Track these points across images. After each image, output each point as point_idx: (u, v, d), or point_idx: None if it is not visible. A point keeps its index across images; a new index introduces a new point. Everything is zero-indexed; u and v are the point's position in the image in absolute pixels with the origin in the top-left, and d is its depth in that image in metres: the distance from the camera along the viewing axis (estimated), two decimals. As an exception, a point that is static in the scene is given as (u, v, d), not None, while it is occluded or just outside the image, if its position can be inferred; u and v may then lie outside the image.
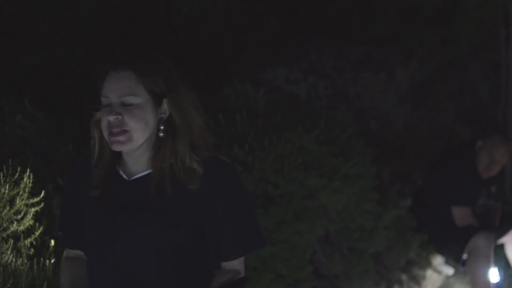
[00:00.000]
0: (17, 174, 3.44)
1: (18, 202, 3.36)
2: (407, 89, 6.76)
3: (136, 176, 2.52)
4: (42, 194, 3.41)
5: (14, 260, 3.23)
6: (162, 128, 2.48)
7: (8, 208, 3.33)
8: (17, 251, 3.33)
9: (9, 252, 3.24)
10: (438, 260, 5.71)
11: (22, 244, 3.37)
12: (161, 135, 2.48)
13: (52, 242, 3.43)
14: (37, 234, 3.40)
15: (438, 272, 5.71)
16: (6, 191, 3.34)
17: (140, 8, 5.55)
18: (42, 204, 3.42)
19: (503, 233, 5.53)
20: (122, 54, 2.51)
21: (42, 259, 3.31)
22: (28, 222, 3.37)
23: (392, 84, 6.66)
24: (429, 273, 5.68)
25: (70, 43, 5.19)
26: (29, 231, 3.41)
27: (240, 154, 4.54)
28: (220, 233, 2.51)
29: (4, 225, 3.32)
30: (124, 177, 2.53)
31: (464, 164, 5.56)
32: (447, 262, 5.73)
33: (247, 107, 4.91)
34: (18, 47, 5.13)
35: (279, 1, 6.52)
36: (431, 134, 6.80)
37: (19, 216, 3.36)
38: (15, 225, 3.33)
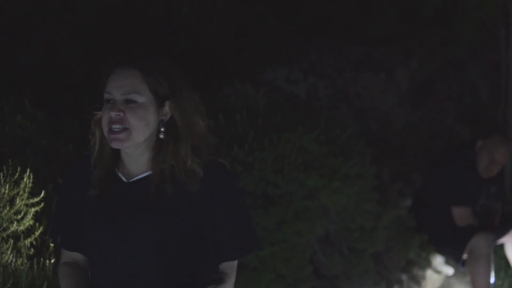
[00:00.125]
0: (17, 174, 3.44)
1: (18, 202, 3.36)
2: (407, 89, 6.76)
3: (136, 178, 2.52)
4: (42, 194, 3.41)
5: (14, 260, 3.23)
6: (162, 130, 2.48)
7: (8, 208, 3.33)
8: (17, 251, 3.33)
9: (9, 252, 3.24)
10: (438, 260, 5.71)
11: (22, 244, 3.36)
12: (161, 137, 2.49)
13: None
14: (37, 234, 3.40)
15: (438, 272, 5.71)
16: (6, 191, 3.34)
17: (140, 8, 5.55)
18: (42, 204, 3.42)
19: (503, 233, 5.53)
20: (128, 53, 2.51)
21: (42, 259, 3.31)
22: (28, 222, 3.37)
23: (392, 84, 6.66)
24: (429, 273, 5.68)
25: (70, 43, 5.19)
26: (29, 231, 3.41)
27: (240, 154, 4.54)
28: (219, 234, 2.51)
29: (4, 225, 3.32)
30: (123, 179, 2.53)
31: (464, 164, 5.56)
32: (447, 262, 5.73)
33: (247, 107, 4.90)
34: (18, 47, 5.13)
35: (279, 1, 6.52)
36: (431, 134, 6.80)
37: (19, 216, 3.36)
38: (15, 225, 3.33)
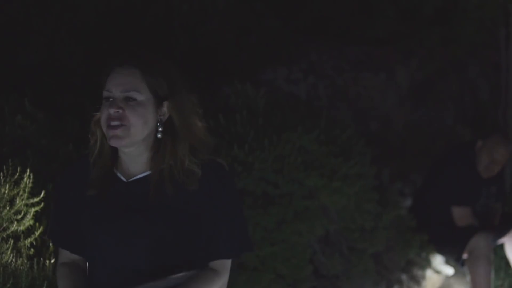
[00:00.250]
0: (17, 174, 3.44)
1: (18, 202, 3.36)
2: (407, 89, 6.76)
3: (135, 178, 2.53)
4: (42, 194, 3.41)
5: (14, 260, 3.23)
6: (160, 129, 2.50)
7: (8, 208, 3.33)
8: (17, 251, 3.32)
9: (9, 252, 3.24)
10: (438, 260, 5.71)
11: (22, 244, 3.36)
12: (159, 136, 2.50)
13: (52, 242, 3.43)
14: (37, 234, 3.40)
15: (438, 272, 5.71)
16: (6, 191, 3.34)
17: (140, 8, 5.55)
18: (42, 204, 3.41)
19: (503, 233, 5.53)
20: (129, 53, 2.53)
21: (42, 259, 3.31)
22: (28, 222, 3.37)
23: (392, 84, 6.66)
24: (429, 273, 5.68)
25: (70, 43, 5.19)
26: (29, 231, 3.41)
27: (240, 154, 4.54)
28: (214, 232, 2.52)
29: (4, 225, 3.32)
30: (122, 179, 2.54)
31: (464, 164, 5.56)
32: (447, 262, 5.73)
33: (247, 107, 4.90)
34: (18, 47, 5.13)
35: (279, 1, 6.52)
36: (431, 134, 6.80)
37: (19, 216, 3.36)
38: (15, 225, 3.33)
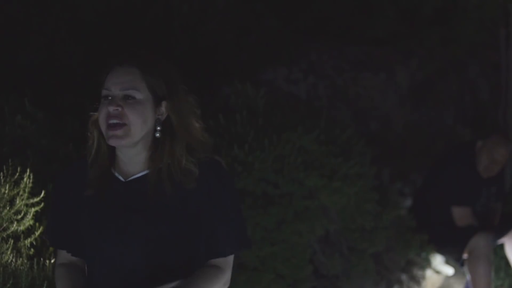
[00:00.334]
0: (17, 174, 3.44)
1: (18, 202, 3.36)
2: (407, 89, 6.76)
3: (133, 177, 2.53)
4: (42, 194, 3.41)
5: (14, 260, 3.23)
6: (159, 129, 2.50)
7: (8, 208, 3.33)
8: (17, 251, 3.32)
9: (9, 252, 3.24)
10: (438, 260, 5.71)
11: (22, 244, 3.36)
12: (157, 136, 2.51)
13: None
14: (37, 234, 3.40)
15: (438, 272, 5.70)
16: (6, 191, 3.34)
17: (140, 8, 5.55)
18: (42, 204, 3.41)
19: (503, 233, 5.53)
20: (128, 53, 2.54)
21: (42, 259, 3.31)
22: (28, 222, 3.37)
23: (392, 84, 6.66)
24: (429, 273, 5.68)
25: (70, 43, 5.19)
26: (29, 231, 3.41)
27: (240, 154, 4.54)
28: (210, 230, 2.53)
29: (4, 225, 3.32)
30: (120, 178, 2.54)
31: (464, 164, 5.55)
32: (447, 262, 5.73)
33: (247, 107, 4.90)
34: (18, 47, 5.13)
35: (279, 1, 6.52)
36: (431, 134, 6.80)
37: (19, 216, 3.36)
38: (15, 225, 3.33)
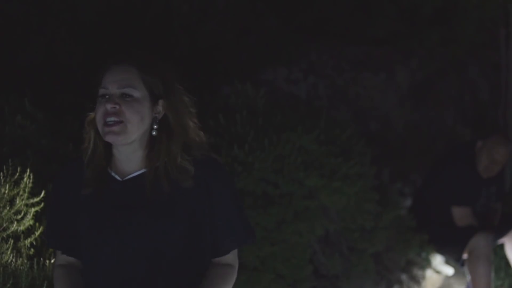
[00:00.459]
0: (17, 174, 3.44)
1: (18, 202, 3.36)
2: (407, 89, 6.77)
3: (130, 176, 2.54)
4: (42, 194, 3.41)
5: (14, 260, 3.23)
6: (155, 127, 2.52)
7: (8, 208, 3.33)
8: (17, 251, 3.32)
9: (9, 252, 3.24)
10: (438, 260, 5.71)
11: (22, 244, 3.36)
12: (153, 134, 2.52)
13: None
14: (37, 234, 3.40)
15: (438, 272, 5.70)
16: (6, 191, 3.34)
17: (140, 8, 5.55)
18: (42, 204, 3.41)
19: (503, 233, 5.53)
20: (125, 52, 2.56)
21: (42, 259, 3.30)
22: (28, 222, 3.37)
23: (392, 84, 6.66)
24: (429, 273, 5.68)
25: (70, 43, 5.19)
26: (29, 231, 3.41)
27: (240, 154, 4.54)
28: (215, 228, 2.54)
29: (4, 225, 3.32)
30: (117, 178, 2.54)
31: (464, 164, 5.55)
32: (447, 262, 5.73)
33: (247, 107, 4.90)
34: (18, 47, 5.13)
35: (279, 1, 6.52)
36: (431, 134, 6.80)
37: (19, 216, 3.36)
38: (15, 225, 3.33)
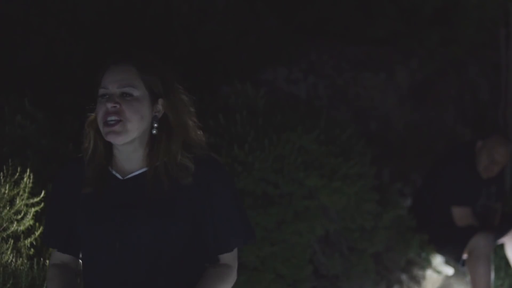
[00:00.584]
0: (17, 174, 3.44)
1: (18, 202, 3.36)
2: (407, 89, 6.77)
3: (132, 175, 2.54)
4: (42, 194, 3.41)
5: (14, 260, 3.23)
6: (155, 125, 2.53)
7: (8, 208, 3.33)
8: (17, 251, 3.32)
9: (9, 252, 3.24)
10: (438, 260, 5.71)
11: (22, 244, 3.36)
12: (154, 132, 2.53)
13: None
14: (37, 234, 3.40)
15: (438, 272, 5.70)
16: (6, 191, 3.34)
17: (140, 8, 5.55)
18: (42, 204, 3.42)
19: (503, 233, 5.53)
20: (124, 52, 2.57)
21: (42, 259, 3.30)
22: (28, 222, 3.37)
23: (392, 84, 6.66)
24: (429, 273, 5.68)
25: (70, 43, 5.19)
26: (29, 231, 3.41)
27: (240, 154, 4.54)
28: (215, 228, 2.54)
29: (4, 225, 3.32)
30: (118, 176, 2.55)
31: (464, 164, 5.55)
32: (447, 262, 5.73)
33: (247, 107, 4.90)
34: (18, 47, 5.13)
35: (279, 1, 6.53)
36: (431, 134, 6.80)
37: (19, 216, 3.36)
38: (15, 225, 3.33)
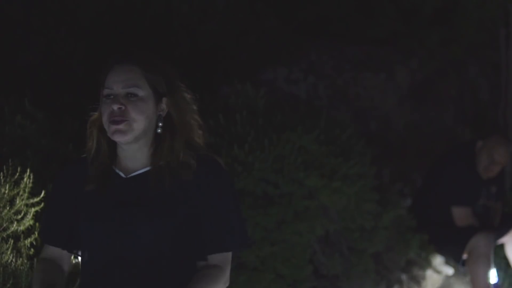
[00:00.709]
0: (17, 174, 3.44)
1: (18, 202, 3.36)
2: (407, 89, 6.77)
3: (135, 173, 2.55)
4: (42, 194, 3.41)
5: (14, 260, 3.23)
6: (160, 124, 2.55)
7: (8, 208, 3.33)
8: (17, 251, 3.33)
9: (9, 252, 3.24)
10: (438, 260, 5.71)
11: (22, 244, 3.36)
12: (158, 131, 2.55)
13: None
14: (37, 234, 3.40)
15: (438, 272, 5.70)
16: (6, 191, 3.34)
17: (140, 8, 5.55)
18: (42, 204, 3.42)
19: (503, 233, 5.53)
20: (128, 52, 2.58)
21: (42, 259, 3.30)
22: (28, 222, 3.37)
23: (392, 84, 6.66)
24: (429, 273, 5.68)
25: (70, 43, 5.19)
26: (29, 231, 3.41)
27: (240, 154, 4.54)
28: (212, 225, 2.54)
29: (4, 225, 3.32)
30: (121, 175, 2.56)
31: (464, 164, 5.55)
32: (447, 262, 5.73)
33: (247, 107, 4.90)
34: (18, 47, 5.13)
35: (279, 1, 6.53)
36: (431, 134, 6.80)
37: (19, 216, 3.36)
38: (15, 225, 3.33)
